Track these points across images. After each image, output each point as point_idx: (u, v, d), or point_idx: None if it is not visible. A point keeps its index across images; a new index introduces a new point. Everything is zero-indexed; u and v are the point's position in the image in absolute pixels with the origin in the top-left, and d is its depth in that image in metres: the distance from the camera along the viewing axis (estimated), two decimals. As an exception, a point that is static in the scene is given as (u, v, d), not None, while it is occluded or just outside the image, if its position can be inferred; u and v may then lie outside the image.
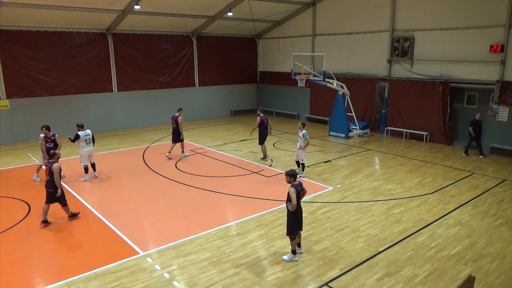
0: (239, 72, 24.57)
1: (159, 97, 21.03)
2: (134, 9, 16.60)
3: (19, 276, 6.87)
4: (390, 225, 8.73)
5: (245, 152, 15.18)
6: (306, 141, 11.75)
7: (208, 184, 11.52)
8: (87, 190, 11.09)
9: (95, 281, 6.59)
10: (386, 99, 18.28)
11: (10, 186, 11.51)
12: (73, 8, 15.89)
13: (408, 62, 17.26)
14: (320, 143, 16.72)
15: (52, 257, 7.52)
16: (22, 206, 9.89)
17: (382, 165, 13.62)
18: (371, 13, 18.31)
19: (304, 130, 11.82)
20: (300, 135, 11.84)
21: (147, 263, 7.18)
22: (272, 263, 7.17)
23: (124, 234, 8.30)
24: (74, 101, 18.53)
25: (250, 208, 9.71)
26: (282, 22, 22.77)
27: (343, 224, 8.75)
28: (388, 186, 11.28)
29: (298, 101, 22.64)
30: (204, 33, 22.33)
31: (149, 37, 20.49)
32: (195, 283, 6.55)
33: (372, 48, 18.52)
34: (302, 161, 12.07)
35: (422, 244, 7.86)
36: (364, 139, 17.55)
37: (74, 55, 18.35)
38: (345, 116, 17.62)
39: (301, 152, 11.95)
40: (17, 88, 17.08)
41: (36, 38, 17.24)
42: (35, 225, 8.85)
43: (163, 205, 10.06)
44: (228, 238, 8.12)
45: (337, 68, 19.27)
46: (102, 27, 18.78)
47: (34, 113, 17.47)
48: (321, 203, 9.99)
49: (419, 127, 16.95)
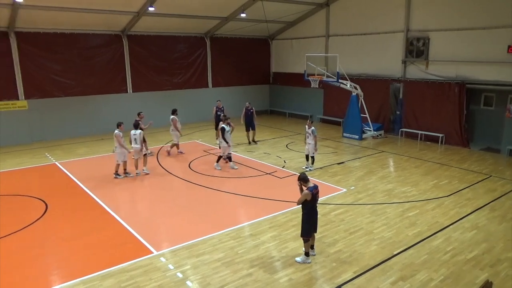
0: (252, 73, 24.61)
1: (173, 98, 21.16)
2: (149, 11, 16.80)
3: (37, 273, 7.01)
4: (405, 228, 8.63)
5: (258, 153, 15.19)
6: (315, 137, 12.33)
7: (221, 184, 11.56)
8: (102, 189, 11.23)
9: (110, 279, 6.68)
10: (400, 100, 18.08)
11: (28, 185, 11.75)
12: (89, 10, 16.15)
13: (423, 63, 17.04)
14: (334, 145, 16.62)
15: (68, 255, 7.64)
16: (40, 204, 10.08)
17: (396, 167, 13.47)
18: (385, 14, 18.13)
19: (313, 126, 12.38)
20: (309, 132, 12.36)
21: (160, 262, 7.24)
22: (285, 264, 7.15)
23: (138, 233, 8.39)
24: (90, 102, 18.83)
25: (263, 209, 9.71)
26: (295, 23, 22.73)
27: (356, 227, 8.68)
28: (403, 189, 11.15)
29: (312, 102, 22.55)
30: (218, 34, 22.44)
31: (163, 39, 20.68)
32: (208, 283, 6.57)
33: (387, 48, 18.34)
34: (312, 155, 12.63)
35: (437, 247, 7.75)
36: (378, 141, 17.39)
37: (90, 56, 18.65)
38: (359, 117, 17.49)
39: (312, 147, 12.49)
40: (35, 89, 17.43)
41: (53, 39, 17.57)
42: (52, 223, 9.02)
43: (177, 205, 10.14)
44: (241, 239, 8.14)
45: (351, 69, 19.13)
46: (117, 28, 19.03)
47: (51, 113, 17.83)
48: (335, 205, 9.93)
49: (435, 129, 16.71)
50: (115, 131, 11.91)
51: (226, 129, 12.96)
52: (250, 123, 16.59)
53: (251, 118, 16.58)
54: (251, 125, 16.61)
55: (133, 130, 12.29)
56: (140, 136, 12.24)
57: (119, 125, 12.01)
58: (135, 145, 12.30)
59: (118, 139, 11.82)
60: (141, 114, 14.43)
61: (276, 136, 18.32)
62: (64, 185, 11.74)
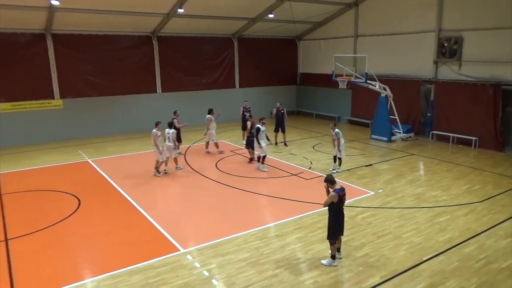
0: (279, 73, 24.57)
1: (201, 98, 21.40)
2: (178, 12, 17.09)
3: (69, 266, 7.27)
4: (435, 233, 8.39)
5: (284, 154, 15.16)
6: (339, 139, 12.25)
7: (247, 185, 11.61)
8: (132, 186, 11.50)
9: (138, 275, 6.83)
10: (432, 101, 17.59)
11: (62, 181, 12.20)
12: (121, 12, 16.61)
13: (456, 63, 16.50)
14: (361, 146, 16.37)
15: (98, 249, 7.88)
16: (73, 200, 10.44)
17: (426, 170, 13.12)
18: (416, 13, 17.69)
19: (337, 129, 12.30)
20: (333, 134, 12.34)
21: (187, 260, 7.35)
22: (311, 267, 7.10)
23: (166, 231, 8.54)
24: (120, 102, 19.35)
25: (289, 210, 9.68)
26: (323, 23, 22.53)
27: (384, 230, 8.52)
28: (433, 193, 10.84)
29: (339, 104, 22.28)
30: (245, 35, 22.55)
31: (191, 40, 20.98)
32: (233, 282, 6.62)
33: (417, 49, 17.88)
34: (340, 156, 12.49)
35: (469, 255, 7.49)
36: (408, 143, 16.98)
37: (121, 57, 19.16)
38: (388, 119, 17.14)
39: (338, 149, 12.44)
40: (69, 89, 18.07)
41: (86, 41, 18.17)
42: (84, 218, 9.33)
43: (204, 204, 10.26)
44: (267, 240, 8.14)
45: (380, 69, 18.78)
46: (148, 30, 19.46)
47: (84, 112, 18.44)
48: (362, 208, 9.77)
49: (468, 132, 16.13)
50: (153, 130, 12.23)
51: (262, 129, 12.94)
52: (280, 124, 16.32)
53: (281, 119, 16.28)
54: (281, 126, 16.34)
55: (167, 129, 12.69)
56: (173, 135, 12.56)
57: (157, 124, 12.36)
58: (168, 143, 12.63)
59: (154, 138, 12.15)
60: (177, 112, 14.68)
61: (303, 137, 18.21)
62: (95, 181, 12.12)
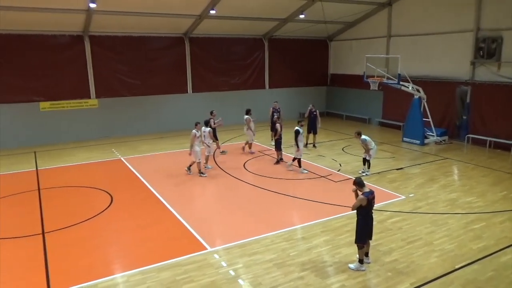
0: (310, 74, 24.39)
1: (231, 98, 21.61)
2: (210, 14, 17.32)
3: (100, 260, 7.53)
4: (469, 241, 8.08)
5: (313, 155, 15.05)
6: (366, 145, 12.14)
7: (275, 185, 11.61)
8: (162, 185, 11.76)
9: (166, 272, 6.99)
10: (468, 104, 16.95)
11: (96, 178, 12.64)
12: (155, 14, 17.02)
13: (494, 64, 15.82)
14: (392, 149, 16.00)
15: (129, 246, 8.11)
16: (106, 197, 10.80)
17: (461, 175, 12.66)
18: (452, 12, 17.11)
19: (363, 136, 12.16)
20: (360, 142, 12.29)
21: (214, 259, 7.44)
22: (338, 270, 7.02)
23: (194, 229, 8.69)
24: (153, 101, 19.82)
25: (316, 212, 9.60)
26: (355, 23, 22.19)
27: (415, 236, 8.29)
28: (468, 199, 10.45)
29: (370, 105, 21.89)
30: (276, 36, 22.55)
31: (222, 41, 21.21)
32: (259, 283, 6.65)
33: (453, 49, 17.29)
34: (368, 158, 12.33)
35: (505, 264, 7.17)
36: (442, 147, 16.44)
37: (154, 58, 19.63)
38: (421, 121, 16.66)
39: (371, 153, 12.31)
40: (104, 89, 18.71)
41: (121, 42, 18.75)
42: (116, 215, 9.63)
43: (231, 203, 10.36)
44: (294, 241, 8.12)
45: (413, 70, 18.28)
46: (180, 31, 19.84)
47: (118, 111, 19.04)
48: (392, 212, 9.56)
49: (506, 136, 15.43)
50: (193, 130, 12.48)
51: (301, 131, 12.96)
52: (313, 126, 16.10)
53: (314, 121, 16.04)
54: (313, 128, 16.14)
55: (204, 127, 13.09)
56: (208, 134, 13.03)
57: (196, 124, 12.62)
58: (205, 141, 13.07)
59: (191, 138, 12.42)
60: (214, 112, 14.98)
61: (333, 139, 18.01)
62: (127, 179, 12.49)
